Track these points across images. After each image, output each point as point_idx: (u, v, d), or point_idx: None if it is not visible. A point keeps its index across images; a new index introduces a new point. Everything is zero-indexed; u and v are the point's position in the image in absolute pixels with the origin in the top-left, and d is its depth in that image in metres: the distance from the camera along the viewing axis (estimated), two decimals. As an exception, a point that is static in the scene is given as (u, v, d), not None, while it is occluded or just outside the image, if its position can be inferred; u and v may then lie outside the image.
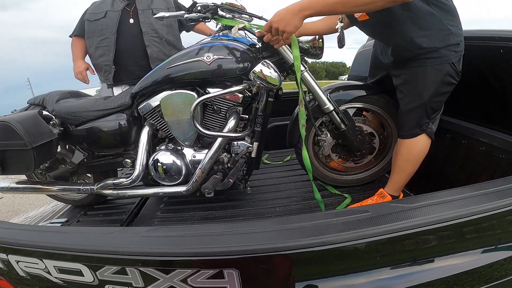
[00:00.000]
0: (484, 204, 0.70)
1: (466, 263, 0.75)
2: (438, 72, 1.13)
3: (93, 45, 1.87)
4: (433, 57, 1.12)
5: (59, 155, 1.52)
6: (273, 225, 0.69)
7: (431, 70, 1.13)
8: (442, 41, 1.10)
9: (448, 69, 1.13)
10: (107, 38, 1.82)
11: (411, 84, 1.19)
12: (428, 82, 1.15)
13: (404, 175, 1.30)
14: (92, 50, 1.88)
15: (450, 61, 1.12)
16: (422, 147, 1.25)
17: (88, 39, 1.88)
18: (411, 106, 1.20)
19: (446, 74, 1.13)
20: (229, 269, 0.64)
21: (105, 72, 1.88)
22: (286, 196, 1.54)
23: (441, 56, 1.11)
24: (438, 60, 1.12)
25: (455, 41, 1.12)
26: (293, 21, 1.03)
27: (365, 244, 0.64)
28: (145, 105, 1.35)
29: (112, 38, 1.81)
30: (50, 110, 1.40)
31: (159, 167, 1.35)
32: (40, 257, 0.75)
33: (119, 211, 1.63)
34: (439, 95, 1.17)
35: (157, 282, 0.70)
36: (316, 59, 1.45)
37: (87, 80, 1.94)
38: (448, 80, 1.15)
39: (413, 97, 1.19)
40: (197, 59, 1.26)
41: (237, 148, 1.35)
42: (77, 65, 1.91)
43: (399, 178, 1.31)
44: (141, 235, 0.72)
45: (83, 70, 1.90)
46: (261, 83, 1.20)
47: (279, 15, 1.04)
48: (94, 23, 1.84)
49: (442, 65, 1.12)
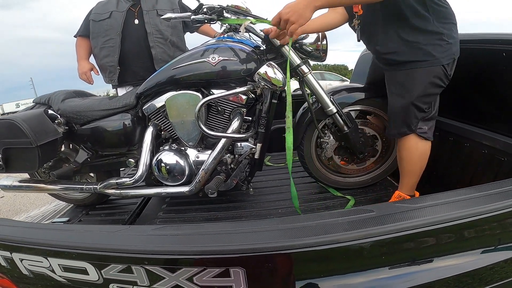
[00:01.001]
0: (488, 204, 0.70)
1: (468, 264, 0.75)
2: (427, 73, 1.14)
3: (98, 46, 1.87)
4: (424, 59, 1.13)
5: (63, 154, 1.53)
6: (279, 224, 0.69)
7: (420, 71, 1.15)
8: (432, 40, 1.11)
9: (438, 71, 1.14)
10: (112, 39, 1.82)
11: (399, 83, 1.21)
12: (416, 82, 1.16)
13: (413, 176, 1.31)
14: (97, 50, 1.89)
15: (440, 63, 1.13)
16: (421, 149, 1.25)
17: (93, 40, 1.88)
18: (398, 105, 1.22)
19: (435, 76, 1.15)
20: (235, 267, 0.64)
21: (110, 73, 1.88)
22: (289, 198, 1.53)
23: (431, 58, 1.13)
24: (428, 63, 1.13)
25: (447, 42, 1.12)
26: (305, 13, 1.03)
27: (371, 243, 0.64)
28: (150, 105, 1.35)
29: (117, 39, 1.82)
30: (55, 109, 1.41)
31: (162, 167, 1.36)
32: (45, 255, 0.75)
33: (121, 211, 1.63)
34: (426, 95, 1.18)
35: (163, 281, 0.70)
36: (320, 62, 1.47)
37: (91, 81, 1.94)
38: (436, 82, 1.16)
39: (401, 96, 1.21)
40: (202, 60, 1.28)
41: (240, 149, 1.35)
42: (82, 65, 1.91)
43: (408, 180, 1.33)
44: (147, 234, 0.72)
45: (87, 71, 1.90)
46: (266, 85, 1.21)
47: (290, 7, 1.04)
48: (99, 23, 1.84)
49: (432, 67, 1.14)
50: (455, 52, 1.16)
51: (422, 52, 1.13)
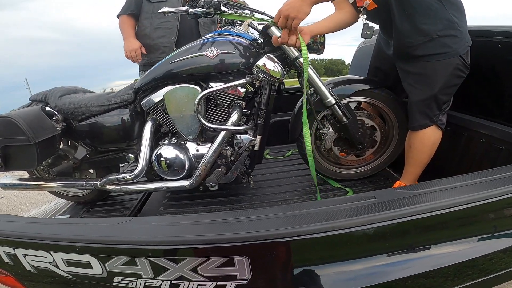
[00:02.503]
0: (488, 190, 0.71)
1: (466, 252, 0.76)
2: (448, 65, 1.15)
3: (151, 26, 1.89)
4: (442, 52, 1.14)
5: (62, 151, 1.52)
6: (282, 212, 0.69)
7: (441, 64, 1.15)
8: (446, 29, 1.12)
9: (457, 62, 1.15)
10: (169, 21, 1.87)
11: (420, 76, 1.20)
12: (437, 74, 1.17)
13: (419, 166, 1.32)
14: (148, 30, 1.91)
15: (458, 54, 1.14)
16: (435, 138, 1.27)
17: (145, 20, 1.91)
18: (421, 98, 1.21)
19: (456, 67, 1.15)
20: (240, 256, 0.65)
21: (162, 53, 1.88)
22: (289, 190, 1.55)
23: (449, 50, 1.13)
24: (447, 55, 1.14)
25: (461, 32, 1.13)
26: (303, 7, 1.06)
27: (374, 229, 0.65)
28: (148, 100, 1.35)
29: (174, 23, 1.88)
30: (52, 106, 1.40)
31: (162, 161, 1.35)
32: (48, 250, 0.74)
33: (121, 207, 1.63)
34: (448, 87, 1.19)
35: (167, 272, 0.70)
36: (318, 54, 1.46)
37: (140, 58, 1.90)
38: (457, 73, 1.17)
39: (423, 89, 1.20)
40: (200, 53, 1.27)
41: (240, 142, 1.35)
42: (132, 42, 1.88)
43: (414, 169, 1.34)
44: (150, 224, 0.72)
45: (138, 48, 1.87)
46: (264, 77, 1.21)
47: (288, 4, 1.07)
48: (155, 4, 1.88)
49: (451, 59, 1.14)
50: (468, 40, 1.17)
51: (439, 43, 1.13)
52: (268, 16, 1.28)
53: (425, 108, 1.22)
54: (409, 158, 1.34)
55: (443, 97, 1.20)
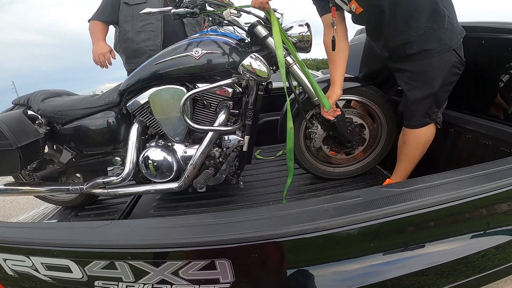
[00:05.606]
0: (474, 187, 0.70)
1: (459, 250, 0.75)
2: (444, 62, 1.15)
3: (133, 29, 1.81)
4: (436, 47, 1.14)
5: (47, 155, 1.49)
6: (263, 213, 0.68)
7: (437, 60, 1.15)
8: (439, 22, 1.12)
9: (453, 59, 1.16)
10: (151, 23, 1.79)
11: (418, 74, 1.20)
12: (436, 72, 1.17)
13: (412, 162, 1.33)
14: (131, 34, 1.82)
15: (452, 47, 1.14)
16: (430, 134, 1.27)
17: (125, 23, 1.82)
18: (420, 96, 1.21)
19: (453, 65, 1.16)
20: (221, 259, 0.63)
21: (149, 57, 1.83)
22: (280, 190, 1.53)
23: (443, 43, 1.13)
24: (441, 50, 1.14)
25: (452, 24, 1.14)
26: None
27: (358, 229, 0.64)
28: (134, 102, 1.33)
29: (158, 24, 1.79)
30: (35, 109, 1.37)
31: (149, 164, 1.33)
32: (26, 254, 0.73)
33: (110, 211, 1.60)
34: (447, 84, 1.19)
35: (148, 276, 0.69)
36: (305, 53, 1.45)
37: (109, 63, 1.79)
38: (454, 70, 1.18)
39: (422, 87, 1.20)
40: (185, 54, 1.25)
41: (228, 142, 1.34)
42: (101, 46, 1.76)
43: (406, 166, 1.34)
44: (129, 228, 0.71)
45: (107, 52, 1.74)
46: (251, 76, 1.19)
47: None
48: (134, 6, 1.80)
49: (446, 54, 1.14)
50: (460, 32, 1.18)
51: (434, 37, 1.13)
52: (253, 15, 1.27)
53: (424, 107, 1.22)
54: (402, 155, 1.34)
55: (442, 94, 1.21)
